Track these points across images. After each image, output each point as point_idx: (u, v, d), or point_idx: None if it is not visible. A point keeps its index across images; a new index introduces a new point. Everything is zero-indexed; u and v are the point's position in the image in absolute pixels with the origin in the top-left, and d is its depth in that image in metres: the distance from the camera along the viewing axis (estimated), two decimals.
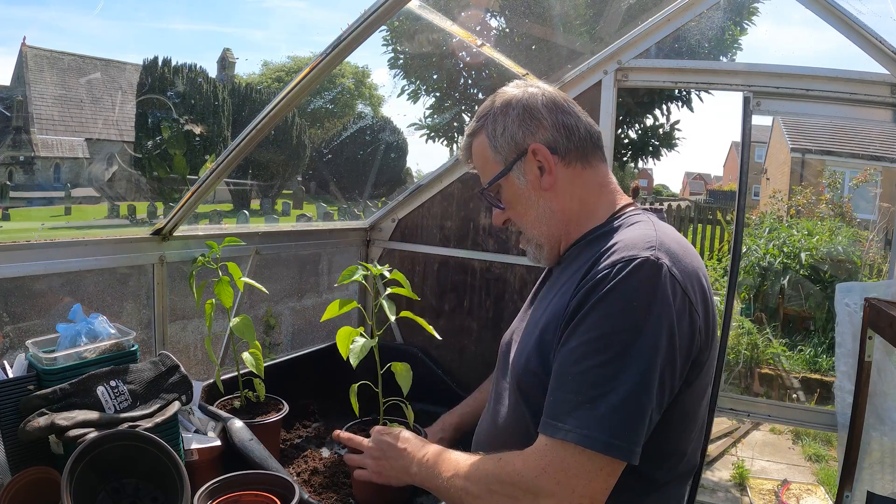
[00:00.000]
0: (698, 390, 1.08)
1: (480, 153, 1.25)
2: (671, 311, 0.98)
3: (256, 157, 25.20)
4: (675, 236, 1.11)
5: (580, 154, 1.20)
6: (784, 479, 3.91)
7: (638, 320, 0.97)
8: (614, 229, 1.14)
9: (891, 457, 1.96)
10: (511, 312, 2.23)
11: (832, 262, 6.66)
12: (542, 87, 1.25)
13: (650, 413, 0.97)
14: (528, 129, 1.19)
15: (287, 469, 1.49)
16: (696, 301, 1.02)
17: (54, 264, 1.55)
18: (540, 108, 1.19)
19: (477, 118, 1.26)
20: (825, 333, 6.28)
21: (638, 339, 0.96)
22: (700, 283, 1.06)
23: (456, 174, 2.30)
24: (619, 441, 0.94)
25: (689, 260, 1.06)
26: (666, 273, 0.99)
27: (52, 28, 67.95)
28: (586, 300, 1.01)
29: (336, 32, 1.92)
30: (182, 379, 1.36)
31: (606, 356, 0.97)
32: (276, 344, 2.38)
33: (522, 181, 1.20)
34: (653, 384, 0.96)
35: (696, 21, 2.04)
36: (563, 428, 0.96)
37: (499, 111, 1.22)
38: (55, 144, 27.85)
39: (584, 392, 0.96)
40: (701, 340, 1.03)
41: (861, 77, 1.88)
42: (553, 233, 1.22)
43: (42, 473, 1.13)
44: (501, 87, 1.27)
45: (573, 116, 1.21)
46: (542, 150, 1.18)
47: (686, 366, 1.02)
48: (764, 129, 20.54)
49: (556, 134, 1.19)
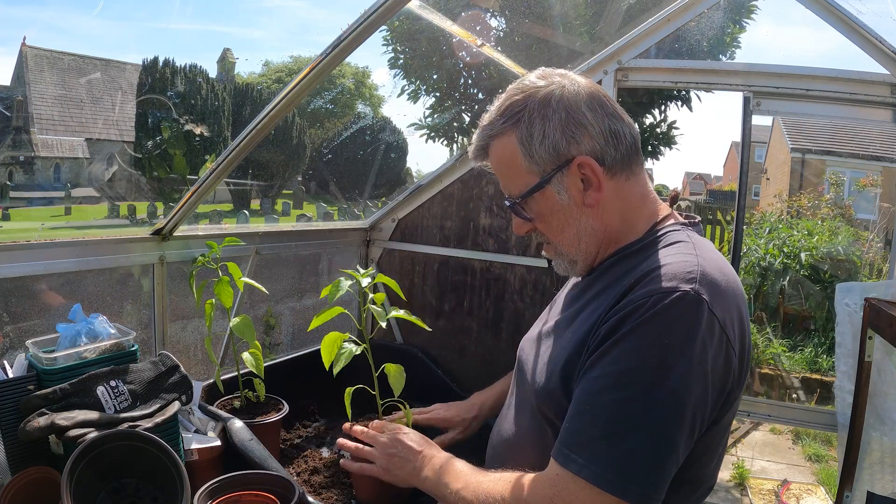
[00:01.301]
0: (725, 425, 1.03)
1: (507, 158, 1.09)
2: (706, 352, 0.91)
3: (256, 157, 25.21)
4: (718, 262, 1.02)
5: (626, 164, 1.07)
6: (784, 479, 3.91)
7: (669, 359, 0.90)
8: (653, 246, 1.06)
9: (891, 457, 1.96)
10: (511, 312, 2.24)
11: (832, 262, 6.67)
12: (578, 80, 1.08)
13: (673, 458, 0.91)
14: (573, 136, 1.04)
15: (287, 469, 1.49)
16: (734, 339, 0.95)
17: (54, 264, 1.55)
18: (585, 112, 1.04)
19: (502, 114, 1.08)
20: (825, 333, 6.28)
21: (666, 380, 0.89)
22: (740, 316, 0.99)
23: (456, 174, 2.30)
24: (634, 486, 0.88)
25: (731, 291, 0.98)
26: (706, 310, 0.91)
27: (52, 28, 67.97)
28: (618, 328, 0.94)
29: (336, 32, 1.92)
30: (182, 379, 1.36)
31: (630, 393, 0.91)
32: (276, 344, 2.38)
33: (564, 196, 1.06)
34: (677, 429, 0.90)
35: (696, 21, 2.04)
36: (577, 461, 0.92)
37: (536, 112, 1.04)
38: (55, 144, 27.85)
39: (602, 427, 0.91)
40: (734, 378, 0.97)
41: (861, 77, 1.88)
42: (591, 250, 1.11)
43: (42, 473, 1.13)
44: (526, 78, 1.10)
45: (618, 119, 1.07)
46: (591, 163, 1.04)
47: (717, 405, 0.96)
48: (764, 129, 20.55)
49: (603, 142, 1.04)
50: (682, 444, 0.91)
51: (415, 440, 1.27)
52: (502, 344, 2.26)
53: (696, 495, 1.07)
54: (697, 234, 1.10)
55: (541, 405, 1.10)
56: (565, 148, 1.04)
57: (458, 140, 7.25)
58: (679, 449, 0.91)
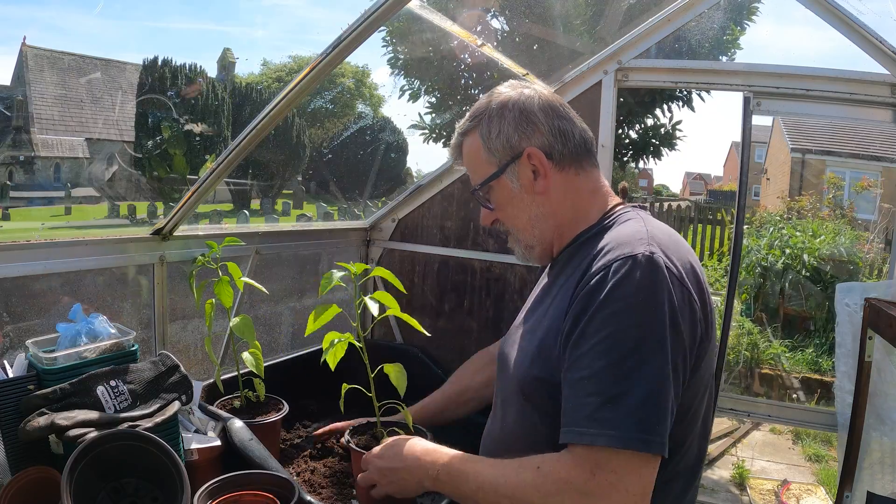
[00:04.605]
0: (698, 383, 1.08)
1: (472, 153, 1.25)
2: (674, 303, 0.99)
3: (256, 157, 25.21)
4: (666, 229, 1.12)
5: (574, 159, 1.20)
6: (784, 479, 3.91)
7: (643, 316, 0.97)
8: (605, 228, 1.16)
9: (891, 457, 1.96)
10: (511, 312, 2.23)
11: (833, 262, 6.67)
12: (538, 89, 1.24)
13: (671, 405, 0.97)
14: (524, 132, 1.19)
15: (287, 469, 1.49)
16: (693, 290, 1.03)
17: (54, 264, 1.55)
18: (536, 112, 1.19)
19: (470, 117, 1.25)
20: (825, 334, 6.28)
21: (647, 334, 0.97)
22: (694, 273, 1.07)
23: (456, 174, 2.31)
24: (651, 436, 0.94)
25: (681, 252, 1.07)
26: (662, 265, 1.00)
27: (53, 28, 68.03)
28: (589, 304, 1.01)
29: (336, 31, 1.92)
30: (182, 379, 1.36)
31: (619, 354, 0.97)
32: (276, 344, 2.38)
33: (516, 184, 1.20)
34: (668, 376, 0.96)
35: (696, 21, 2.04)
36: (590, 432, 0.95)
37: (494, 112, 1.21)
38: (55, 144, 27.86)
39: (604, 393, 0.96)
40: (702, 329, 1.04)
41: (861, 77, 1.88)
42: (545, 236, 1.23)
43: (42, 473, 1.13)
44: (496, 87, 1.26)
45: (568, 121, 1.21)
46: (538, 153, 1.18)
47: (693, 354, 1.03)
48: (764, 129, 20.54)
49: (551, 139, 1.19)
50: (674, 391, 0.98)
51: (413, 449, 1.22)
52: None
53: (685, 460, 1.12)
54: (646, 215, 1.19)
55: (526, 392, 1.15)
56: (517, 142, 1.19)
57: None
58: (671, 396, 0.97)
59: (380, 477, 1.23)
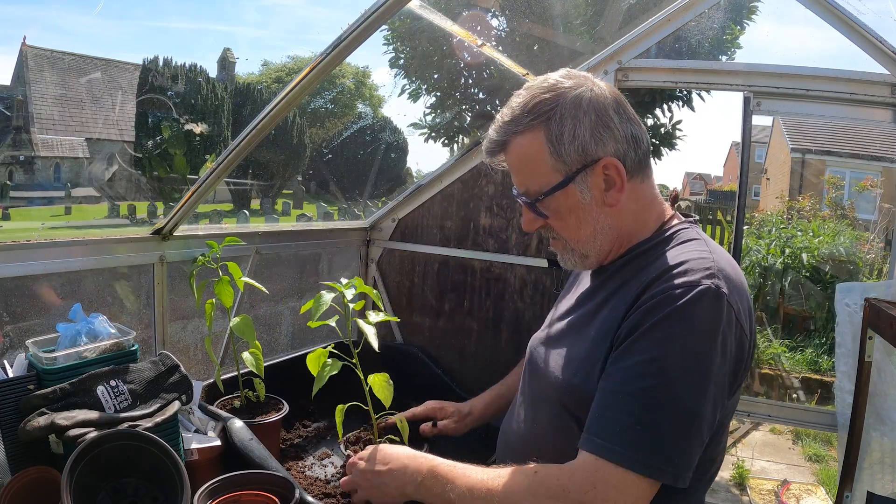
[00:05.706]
0: (732, 404, 1.09)
1: (529, 155, 1.10)
2: (727, 341, 0.98)
3: (256, 157, 25.20)
4: (728, 258, 1.09)
5: (642, 167, 1.12)
6: (784, 479, 3.91)
7: (696, 349, 0.97)
8: (664, 242, 1.12)
9: (891, 457, 1.96)
10: (511, 312, 2.24)
11: (833, 262, 6.67)
12: (601, 84, 1.12)
13: (701, 440, 0.98)
14: (601, 137, 1.07)
15: (286, 468, 1.48)
16: (746, 328, 1.03)
17: (54, 264, 1.55)
18: (612, 115, 1.08)
19: (529, 111, 1.08)
20: (825, 334, 6.29)
21: (694, 368, 0.96)
22: (749, 307, 1.06)
23: (456, 174, 2.30)
24: (669, 468, 0.94)
25: (742, 286, 1.06)
26: (726, 303, 0.98)
27: (53, 27, 67.86)
28: (644, 320, 0.99)
29: (336, 31, 1.92)
30: (182, 379, 1.36)
31: (661, 380, 0.96)
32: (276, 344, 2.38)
33: (586, 195, 1.09)
34: (704, 413, 0.96)
35: (696, 21, 2.04)
36: (614, 449, 0.95)
37: (568, 112, 1.06)
38: (55, 144, 27.84)
39: (636, 413, 0.96)
40: (746, 363, 1.05)
41: (861, 77, 1.88)
42: (605, 247, 1.15)
43: (42, 473, 1.13)
44: (551, 76, 1.11)
45: (636, 125, 1.11)
46: (616, 164, 1.07)
47: (731, 388, 1.03)
48: (764, 129, 20.54)
49: (625, 146, 1.09)
50: (707, 426, 0.98)
51: (398, 455, 1.20)
52: (502, 344, 2.26)
53: (710, 473, 1.14)
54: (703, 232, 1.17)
55: (563, 399, 1.13)
56: (593, 149, 1.07)
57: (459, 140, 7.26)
58: (705, 430, 0.98)
59: (362, 481, 1.22)
